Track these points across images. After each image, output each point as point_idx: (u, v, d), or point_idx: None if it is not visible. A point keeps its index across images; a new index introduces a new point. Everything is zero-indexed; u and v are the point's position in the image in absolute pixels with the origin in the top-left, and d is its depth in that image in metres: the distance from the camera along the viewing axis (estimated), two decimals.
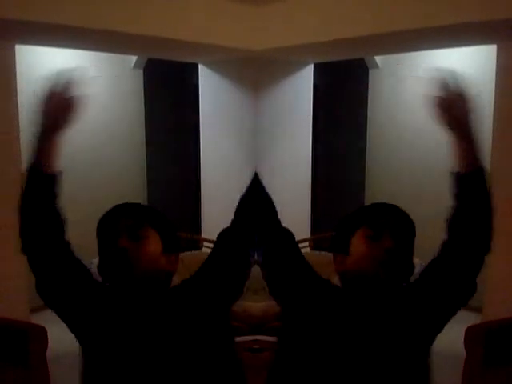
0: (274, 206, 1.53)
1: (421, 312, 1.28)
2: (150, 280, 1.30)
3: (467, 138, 1.26)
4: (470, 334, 2.27)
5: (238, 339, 2.42)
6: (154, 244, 1.31)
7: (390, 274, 1.25)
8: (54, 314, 1.43)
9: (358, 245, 1.30)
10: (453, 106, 1.26)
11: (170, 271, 1.35)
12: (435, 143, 4.62)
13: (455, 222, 1.32)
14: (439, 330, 1.35)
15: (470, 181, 1.29)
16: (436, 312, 1.30)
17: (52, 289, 1.33)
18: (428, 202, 4.44)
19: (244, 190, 1.66)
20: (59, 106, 1.30)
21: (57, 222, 1.37)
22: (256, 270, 1.93)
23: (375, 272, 1.25)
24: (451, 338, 1.68)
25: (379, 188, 4.91)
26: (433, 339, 1.36)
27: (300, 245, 1.60)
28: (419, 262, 1.48)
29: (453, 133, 1.27)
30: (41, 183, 1.33)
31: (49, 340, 2.25)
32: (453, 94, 1.27)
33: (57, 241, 1.35)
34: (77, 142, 4.64)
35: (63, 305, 1.34)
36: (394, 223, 1.30)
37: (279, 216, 1.55)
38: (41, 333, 2.23)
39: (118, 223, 1.31)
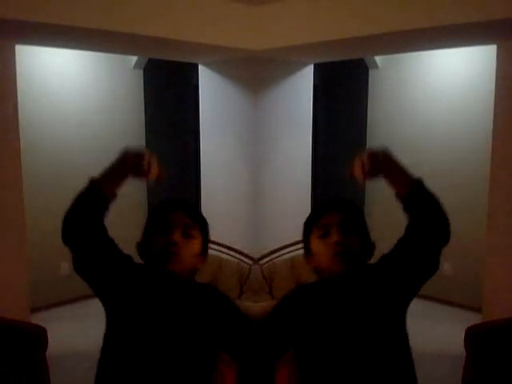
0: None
1: (387, 289, 1.44)
2: (186, 273, 1.48)
3: (396, 171, 1.45)
4: (470, 334, 2.27)
5: None
6: (197, 244, 1.50)
7: (345, 261, 1.42)
8: (54, 314, 1.44)
9: (314, 245, 1.49)
10: (375, 156, 1.44)
11: (197, 268, 1.53)
12: (435, 143, 4.63)
13: (412, 227, 1.44)
14: (408, 301, 1.48)
15: (416, 197, 1.43)
16: (402, 287, 1.45)
17: (91, 267, 1.46)
18: None
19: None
20: (145, 161, 1.48)
21: (101, 226, 1.49)
22: (257, 270, 1.93)
23: (332, 264, 1.43)
24: (451, 338, 1.68)
25: (379, 188, 4.91)
26: (404, 309, 1.48)
27: (300, 245, 1.65)
28: None
29: (385, 174, 1.45)
30: (96, 199, 1.47)
31: (49, 340, 2.25)
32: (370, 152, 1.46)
33: (101, 231, 1.48)
34: (77, 142, 4.65)
35: (102, 281, 1.47)
36: (339, 218, 1.46)
37: (280, 215, 1.73)
38: (41, 333, 2.23)
39: (173, 217, 1.47)
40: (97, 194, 1.46)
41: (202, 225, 1.53)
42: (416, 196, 1.43)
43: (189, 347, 1.44)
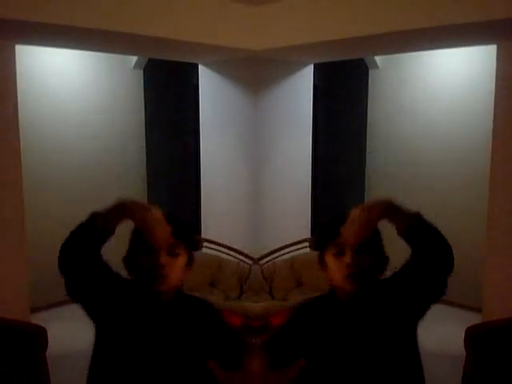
0: None
1: (396, 309, 1.49)
2: (175, 288, 1.53)
3: (394, 212, 1.46)
4: (470, 334, 2.27)
5: None
6: (183, 260, 1.52)
7: (357, 281, 1.47)
8: (54, 314, 1.46)
9: (328, 261, 1.52)
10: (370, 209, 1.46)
11: (182, 280, 1.56)
12: (435, 143, 4.63)
13: (415, 260, 1.49)
14: (417, 319, 1.52)
15: (415, 230, 1.46)
16: (411, 307, 1.50)
17: (82, 287, 1.49)
18: (428, 201, 4.45)
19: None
20: (148, 217, 1.46)
21: (98, 258, 1.50)
22: (257, 270, 1.94)
23: (344, 284, 1.49)
24: (451, 338, 1.69)
25: (379, 188, 4.92)
26: (414, 326, 1.53)
27: (300, 245, 1.67)
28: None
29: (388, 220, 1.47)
30: (96, 233, 1.47)
31: (49, 340, 2.25)
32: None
33: (97, 262, 1.50)
34: (77, 142, 4.65)
35: (93, 303, 1.50)
36: (354, 239, 1.47)
37: (280, 215, 1.76)
38: (41, 333, 2.23)
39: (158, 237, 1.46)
40: (97, 229, 1.46)
41: (187, 240, 1.54)
42: (416, 229, 1.46)
43: (178, 362, 1.49)
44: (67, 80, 4.55)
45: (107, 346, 1.50)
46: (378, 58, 4.87)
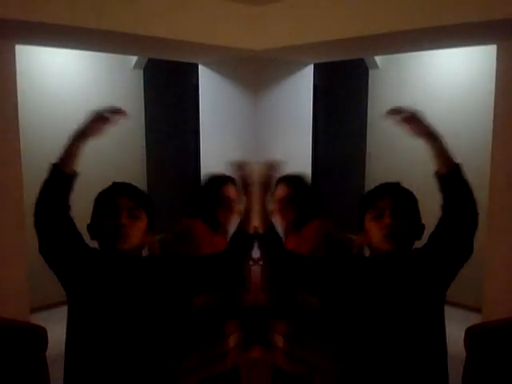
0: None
1: (428, 270, 1.60)
2: (135, 250, 1.64)
3: (436, 142, 1.64)
4: (470, 334, 2.27)
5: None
6: (143, 223, 1.65)
7: (394, 242, 1.59)
8: (54, 314, 1.48)
9: (367, 224, 1.65)
10: (414, 118, 1.70)
11: (144, 244, 1.69)
12: None
13: (445, 208, 1.63)
14: (447, 283, 1.64)
15: (452, 179, 1.62)
16: (441, 270, 1.62)
17: (53, 250, 1.63)
18: (428, 201, 4.45)
19: None
20: (95, 118, 1.74)
21: (65, 205, 1.65)
22: (257, 270, 1.96)
23: (382, 243, 1.60)
24: (451, 338, 1.69)
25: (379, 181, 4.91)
26: (443, 292, 1.64)
27: None
28: None
29: (424, 138, 1.67)
30: (58, 179, 1.64)
31: (49, 340, 2.24)
32: (409, 111, 1.71)
33: (64, 215, 1.64)
34: None
35: (62, 263, 1.64)
36: (392, 203, 1.63)
37: None
38: (41, 333, 2.23)
39: (119, 201, 1.62)
40: (59, 176, 1.63)
41: (146, 205, 1.67)
42: (453, 177, 1.60)
43: (153, 316, 1.60)
44: (67, 80, 4.54)
45: (81, 313, 1.60)
46: (377, 58, 4.87)
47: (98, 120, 1.76)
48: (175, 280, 1.65)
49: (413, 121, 1.70)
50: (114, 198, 1.65)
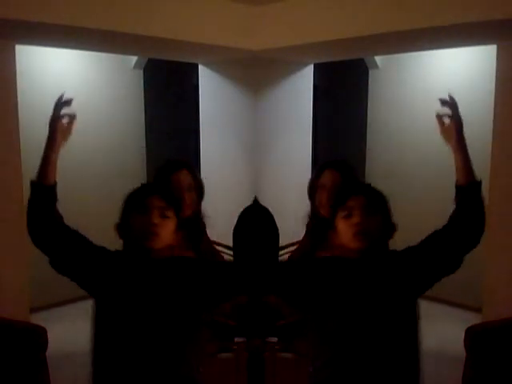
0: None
1: (408, 274, 1.61)
2: (165, 250, 1.66)
3: (464, 154, 1.70)
4: (470, 334, 2.27)
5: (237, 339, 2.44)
6: (173, 223, 1.68)
7: (364, 240, 1.60)
8: (54, 314, 1.48)
9: (338, 223, 1.66)
10: (456, 123, 1.76)
11: (174, 244, 1.70)
12: (435, 143, 4.63)
13: (453, 218, 1.62)
14: (424, 290, 1.66)
15: (468, 192, 1.61)
16: (423, 277, 1.63)
17: (63, 263, 1.66)
18: (428, 201, 4.45)
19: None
20: (55, 128, 1.82)
21: (55, 216, 1.66)
22: None
23: (352, 242, 1.62)
24: (451, 338, 1.69)
25: (379, 188, 4.91)
26: (418, 295, 1.66)
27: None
28: None
29: (454, 146, 1.74)
30: (41, 193, 1.65)
31: (49, 340, 2.24)
32: (453, 112, 1.76)
33: (58, 227, 1.64)
34: (77, 143, 4.65)
35: (76, 272, 1.67)
36: (363, 201, 1.64)
37: (279, 215, 1.93)
38: (41, 333, 2.23)
39: (150, 201, 1.65)
40: (41, 191, 1.63)
41: (176, 206, 1.71)
42: (471, 191, 1.60)
43: (176, 318, 1.60)
44: (67, 80, 4.54)
45: (109, 315, 1.61)
46: (377, 58, 4.87)
47: (57, 123, 1.84)
48: (199, 284, 1.65)
49: (453, 125, 1.77)
50: (145, 198, 1.67)
